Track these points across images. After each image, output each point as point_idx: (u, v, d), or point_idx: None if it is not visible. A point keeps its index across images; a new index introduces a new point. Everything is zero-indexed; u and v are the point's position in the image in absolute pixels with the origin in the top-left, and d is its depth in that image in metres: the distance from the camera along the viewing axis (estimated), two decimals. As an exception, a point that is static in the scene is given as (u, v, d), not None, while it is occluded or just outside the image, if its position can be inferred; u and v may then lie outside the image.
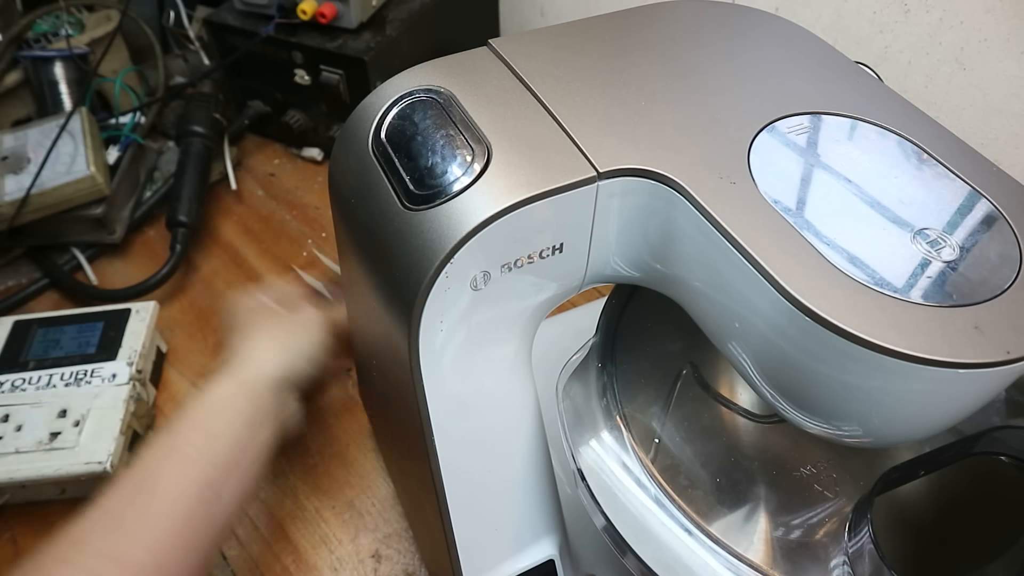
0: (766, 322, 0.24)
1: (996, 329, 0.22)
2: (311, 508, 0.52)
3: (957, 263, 0.23)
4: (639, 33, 0.33)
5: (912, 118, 0.29)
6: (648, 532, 0.31)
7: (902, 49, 0.52)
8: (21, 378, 0.54)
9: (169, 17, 0.83)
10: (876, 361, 0.22)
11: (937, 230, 0.24)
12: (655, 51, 0.32)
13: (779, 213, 0.25)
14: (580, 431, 0.35)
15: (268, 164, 0.80)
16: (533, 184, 0.26)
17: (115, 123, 0.74)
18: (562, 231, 0.28)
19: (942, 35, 0.50)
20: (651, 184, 0.27)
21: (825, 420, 0.26)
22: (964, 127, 0.51)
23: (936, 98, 0.52)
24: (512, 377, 0.34)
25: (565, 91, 0.30)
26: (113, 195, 0.68)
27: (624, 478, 0.33)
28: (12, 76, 0.72)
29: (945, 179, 0.26)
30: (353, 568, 0.49)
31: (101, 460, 0.49)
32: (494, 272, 0.28)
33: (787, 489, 0.33)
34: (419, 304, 0.27)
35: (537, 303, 0.32)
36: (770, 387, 0.27)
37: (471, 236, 0.26)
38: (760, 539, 0.31)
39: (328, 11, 0.68)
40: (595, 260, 0.30)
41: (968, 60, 0.49)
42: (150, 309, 0.59)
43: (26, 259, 0.69)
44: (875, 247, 0.24)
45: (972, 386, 0.23)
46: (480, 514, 0.36)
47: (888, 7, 0.52)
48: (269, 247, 0.71)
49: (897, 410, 0.24)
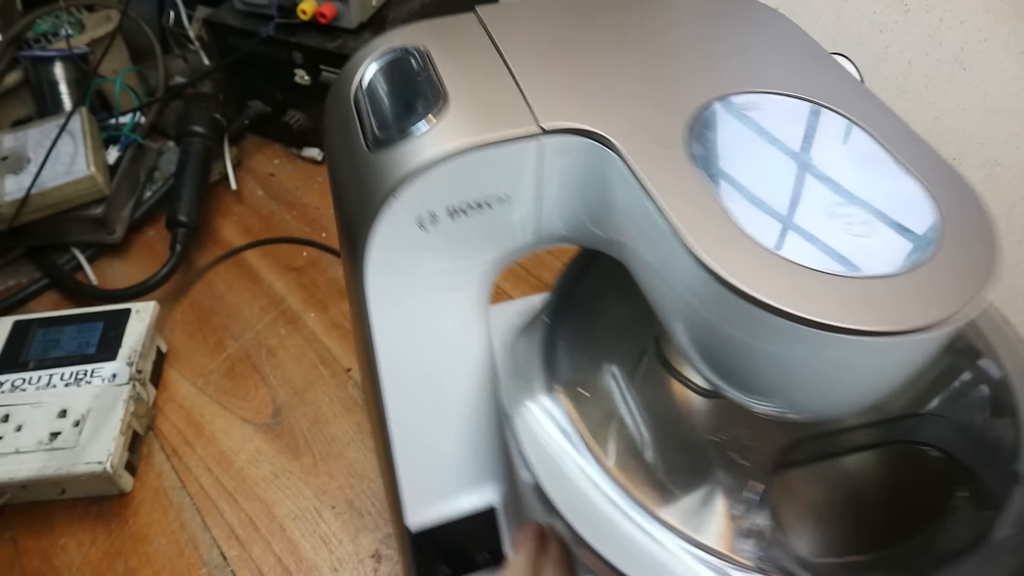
0: (686, 288, 0.25)
1: (901, 301, 0.22)
2: (311, 508, 0.52)
3: (868, 237, 0.24)
4: (621, 12, 0.35)
5: (871, 108, 0.29)
6: (574, 491, 0.31)
7: (902, 49, 0.52)
8: (21, 378, 0.54)
9: (169, 17, 0.83)
10: (778, 325, 0.23)
11: (856, 207, 0.25)
12: (632, 28, 0.34)
13: (705, 180, 0.26)
14: (518, 385, 0.36)
15: (268, 164, 0.80)
16: (479, 133, 0.29)
17: (115, 123, 0.74)
18: (508, 183, 0.30)
19: (942, 35, 0.50)
20: (590, 144, 0.29)
21: (746, 390, 0.27)
22: (964, 127, 0.51)
23: (936, 98, 0.52)
24: (464, 323, 0.36)
25: (532, 57, 0.32)
26: (113, 195, 0.68)
27: (555, 435, 0.34)
28: (12, 76, 0.72)
29: (884, 163, 0.27)
30: (353, 568, 0.49)
31: (101, 460, 0.49)
32: (441, 214, 0.30)
33: (714, 457, 0.33)
34: (366, 232, 0.30)
35: (490, 255, 0.34)
36: (700, 358, 0.28)
37: (417, 174, 0.29)
38: (691, 508, 0.31)
39: (328, 11, 0.68)
40: (545, 218, 0.32)
41: (968, 60, 0.49)
42: (150, 309, 0.59)
43: (26, 259, 0.69)
44: (792, 219, 0.25)
45: (880, 357, 0.23)
46: (424, 449, 0.38)
47: (888, 7, 0.52)
48: (269, 247, 0.71)
49: (813, 382, 0.25)
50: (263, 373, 0.61)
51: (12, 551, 0.50)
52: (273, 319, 0.65)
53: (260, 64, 0.74)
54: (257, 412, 0.58)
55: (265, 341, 0.63)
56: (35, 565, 0.49)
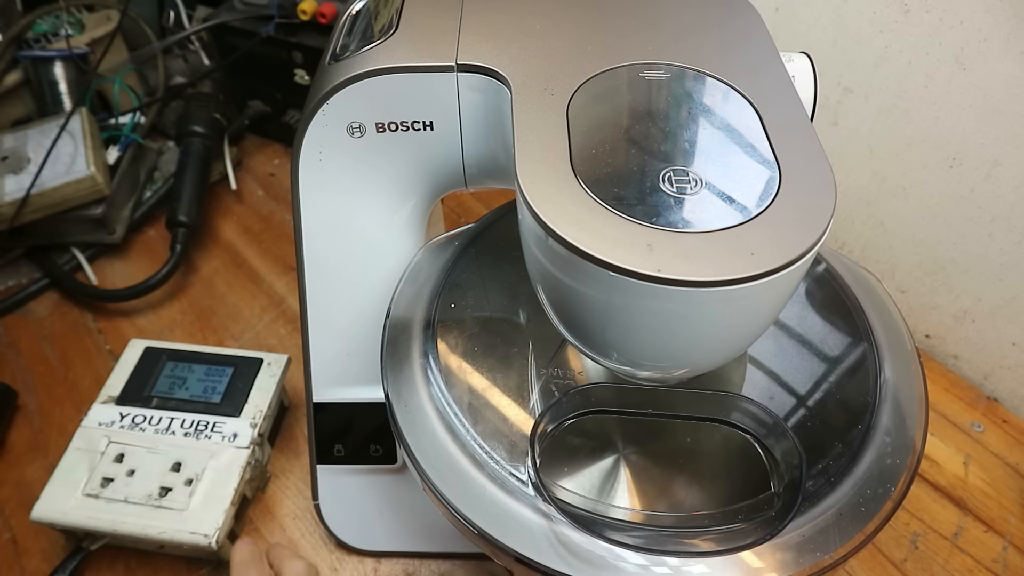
0: (525, 226, 0.26)
1: (715, 256, 0.23)
2: (311, 508, 0.52)
3: (697, 197, 0.25)
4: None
5: (776, 97, 0.29)
6: (415, 410, 0.33)
7: (902, 49, 0.52)
8: (143, 415, 0.51)
9: (169, 17, 0.83)
10: (588, 269, 0.24)
11: (698, 170, 0.26)
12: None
13: (564, 129, 0.27)
14: (407, 290, 0.38)
15: (268, 164, 0.80)
16: (401, 60, 0.33)
17: (115, 123, 0.74)
18: (429, 110, 0.34)
19: (942, 35, 0.50)
20: (496, 83, 0.31)
21: (573, 333, 0.29)
22: (964, 127, 0.51)
23: (936, 98, 0.52)
24: (388, 233, 0.39)
25: (487, 3, 0.35)
26: (113, 195, 0.68)
27: (415, 350, 0.35)
28: (12, 76, 0.72)
29: (752, 140, 0.27)
30: (353, 568, 0.49)
31: (208, 533, 0.46)
32: (369, 127, 0.35)
33: (543, 389, 0.34)
34: (302, 128, 0.35)
35: (416, 176, 0.37)
36: (547, 306, 0.29)
37: (346, 84, 0.33)
38: (506, 438, 0.32)
39: (328, 11, 0.68)
40: (468, 153, 0.36)
41: (968, 60, 0.49)
42: (282, 363, 0.55)
43: (26, 259, 0.70)
44: (631, 176, 0.26)
45: (697, 308, 0.24)
46: (334, 338, 0.42)
47: (888, 7, 0.52)
48: (269, 247, 0.71)
49: (642, 334, 0.26)
50: (263, 373, 0.61)
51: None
52: (273, 319, 0.65)
53: (260, 64, 0.74)
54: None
55: (265, 341, 0.63)
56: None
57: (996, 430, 0.55)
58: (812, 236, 0.24)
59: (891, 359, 0.34)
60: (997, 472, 0.53)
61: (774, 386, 0.34)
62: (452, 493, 0.30)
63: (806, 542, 0.28)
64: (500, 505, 0.29)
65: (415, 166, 0.36)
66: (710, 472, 0.32)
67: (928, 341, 0.62)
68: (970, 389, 0.58)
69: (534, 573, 0.28)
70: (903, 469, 0.30)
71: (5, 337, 0.64)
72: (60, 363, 0.62)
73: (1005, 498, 0.51)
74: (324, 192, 0.38)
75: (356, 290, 0.41)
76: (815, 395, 0.33)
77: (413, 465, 0.31)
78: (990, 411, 0.57)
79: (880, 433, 0.31)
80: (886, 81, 0.54)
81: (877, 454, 0.30)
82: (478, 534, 0.29)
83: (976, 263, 0.56)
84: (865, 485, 0.29)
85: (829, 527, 0.28)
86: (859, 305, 0.36)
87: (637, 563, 0.27)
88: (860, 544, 0.28)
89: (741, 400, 0.30)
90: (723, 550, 0.27)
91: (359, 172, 0.37)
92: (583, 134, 0.27)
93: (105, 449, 0.49)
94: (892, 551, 0.49)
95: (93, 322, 0.65)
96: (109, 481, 0.48)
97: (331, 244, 0.39)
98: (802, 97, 0.34)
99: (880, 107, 0.56)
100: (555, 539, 0.28)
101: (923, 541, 0.49)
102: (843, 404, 0.32)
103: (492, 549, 0.29)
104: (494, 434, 0.32)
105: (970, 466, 0.53)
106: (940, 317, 0.60)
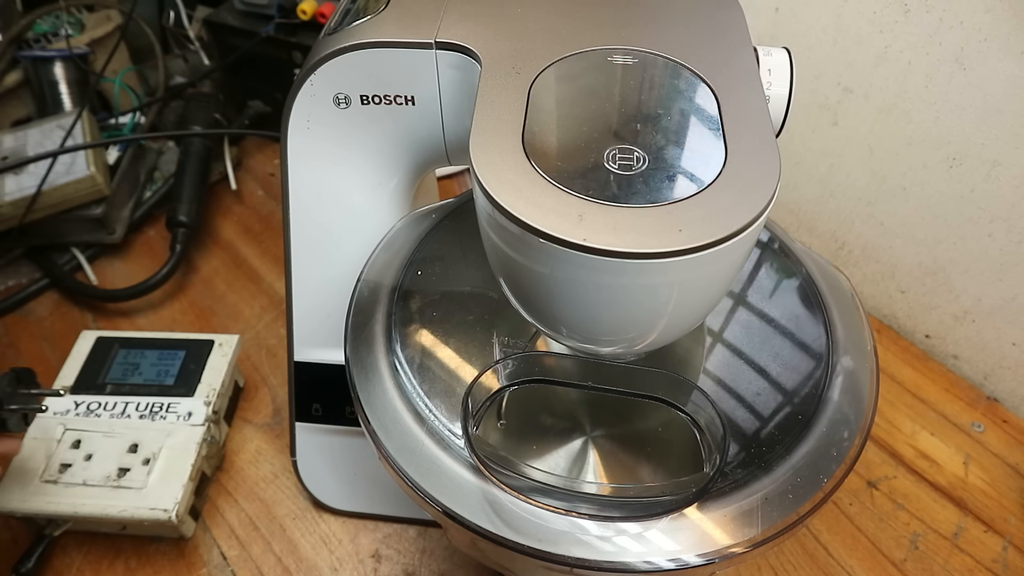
0: (479, 206, 0.27)
1: (643, 229, 0.23)
2: (311, 508, 0.52)
3: (628, 174, 0.25)
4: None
5: (738, 86, 0.30)
6: (370, 371, 0.33)
7: (902, 49, 0.52)
8: (97, 402, 0.52)
9: (169, 17, 0.83)
10: (525, 238, 0.24)
11: (641, 151, 0.26)
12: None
13: (522, 108, 0.28)
14: (381, 257, 0.38)
15: (268, 164, 0.80)
16: (388, 35, 0.34)
17: (115, 123, 0.74)
18: (411, 85, 0.35)
19: (942, 35, 0.50)
20: (471, 61, 0.32)
21: (535, 316, 0.29)
22: (964, 127, 0.51)
23: (936, 98, 0.52)
24: (371, 203, 0.41)
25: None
26: (113, 195, 0.68)
27: (380, 315, 0.35)
28: (12, 76, 0.72)
29: (707, 124, 0.27)
30: (353, 568, 0.49)
31: (167, 508, 0.47)
32: (354, 99, 0.36)
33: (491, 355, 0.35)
34: (291, 97, 0.37)
35: (399, 149, 0.39)
36: (508, 293, 0.29)
37: (333, 56, 0.35)
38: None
39: (328, 11, 0.68)
40: (448, 129, 0.37)
41: (968, 60, 0.49)
42: (233, 344, 0.56)
43: (26, 259, 0.70)
44: (577, 153, 0.26)
45: (627, 280, 0.24)
46: (316, 300, 0.44)
47: (888, 7, 0.52)
48: (269, 247, 0.71)
49: (583, 308, 0.26)
50: (263, 373, 0.61)
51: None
52: (273, 319, 0.65)
53: (260, 64, 0.74)
54: (257, 412, 0.58)
55: (265, 341, 0.63)
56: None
57: (996, 430, 0.55)
58: (744, 218, 0.24)
59: (850, 352, 0.35)
60: (997, 472, 0.53)
61: (734, 366, 0.34)
62: (392, 445, 0.31)
63: (766, 503, 0.29)
64: (435, 460, 0.30)
65: (398, 139, 0.38)
66: (677, 457, 0.32)
67: (928, 341, 0.62)
68: (970, 389, 0.58)
69: (464, 530, 0.29)
70: (849, 446, 0.31)
71: (5, 337, 0.64)
72: (60, 363, 0.62)
73: (1005, 498, 0.51)
74: (312, 161, 0.39)
75: (338, 255, 0.42)
76: (767, 378, 0.34)
77: (361, 418, 0.32)
78: (990, 411, 0.57)
79: (827, 419, 0.32)
80: (886, 81, 0.54)
81: (825, 437, 0.31)
82: (411, 486, 0.29)
83: (976, 263, 0.56)
84: (815, 458, 0.30)
85: (784, 492, 0.29)
86: (824, 301, 0.37)
87: (559, 528, 0.28)
88: (819, 502, 0.29)
89: (674, 377, 0.30)
90: (639, 516, 0.28)
91: (344, 143, 0.38)
92: (541, 111, 0.28)
93: (61, 437, 0.50)
94: (892, 551, 0.49)
95: (93, 322, 0.65)
96: (67, 467, 0.48)
97: (316, 212, 0.41)
98: (779, 90, 0.35)
99: (880, 107, 0.56)
100: (483, 498, 0.29)
101: (923, 541, 0.49)
102: (794, 393, 0.33)
103: (423, 502, 0.29)
104: (439, 393, 0.32)
105: (970, 466, 0.53)
106: (940, 317, 0.60)
